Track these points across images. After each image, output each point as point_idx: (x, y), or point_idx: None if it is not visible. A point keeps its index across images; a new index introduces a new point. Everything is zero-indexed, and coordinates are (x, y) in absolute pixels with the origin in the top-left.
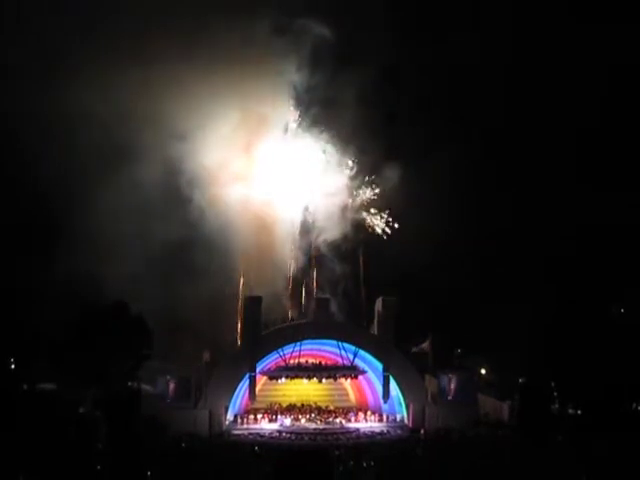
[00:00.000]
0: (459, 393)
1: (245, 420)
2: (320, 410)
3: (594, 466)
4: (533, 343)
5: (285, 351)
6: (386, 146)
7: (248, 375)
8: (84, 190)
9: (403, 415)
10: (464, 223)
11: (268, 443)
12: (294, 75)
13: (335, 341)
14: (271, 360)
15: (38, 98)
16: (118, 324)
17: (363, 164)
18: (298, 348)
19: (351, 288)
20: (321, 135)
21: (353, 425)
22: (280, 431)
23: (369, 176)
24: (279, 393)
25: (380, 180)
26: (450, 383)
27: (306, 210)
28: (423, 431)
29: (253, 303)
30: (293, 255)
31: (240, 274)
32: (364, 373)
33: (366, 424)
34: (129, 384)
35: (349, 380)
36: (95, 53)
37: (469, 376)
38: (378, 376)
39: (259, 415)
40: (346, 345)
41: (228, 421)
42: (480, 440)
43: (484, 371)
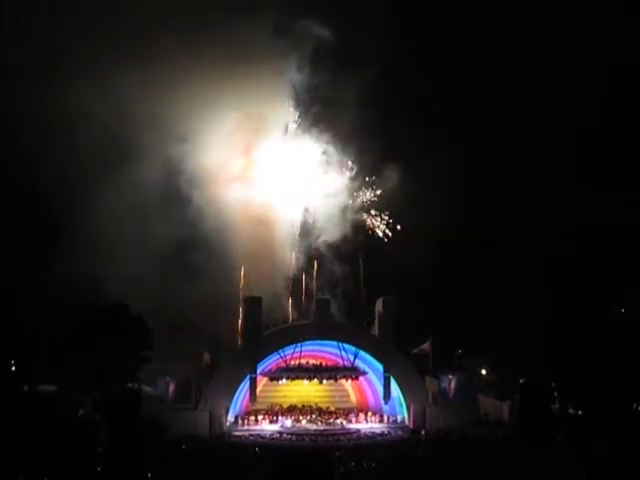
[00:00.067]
0: (459, 394)
1: (246, 421)
2: (321, 411)
3: (594, 466)
4: (533, 343)
5: (286, 352)
6: (386, 147)
7: (249, 376)
8: (84, 190)
9: (404, 416)
10: (464, 223)
11: (269, 444)
12: (294, 76)
13: (336, 342)
14: (272, 361)
15: (38, 98)
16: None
17: (363, 165)
18: (299, 349)
19: (351, 289)
20: (321, 136)
21: (354, 426)
22: (281, 432)
23: (369, 177)
24: (280, 394)
25: (380, 181)
26: (450, 384)
27: (306, 211)
28: (424, 432)
29: (253, 304)
30: (293, 256)
31: (240, 275)
32: (365, 374)
33: (367, 425)
34: (129, 385)
35: (350, 381)
36: (95, 53)
37: (469, 377)
38: (379, 377)
39: (260, 416)
40: (347, 346)
41: (229, 422)
42: (480, 440)
43: (484, 371)
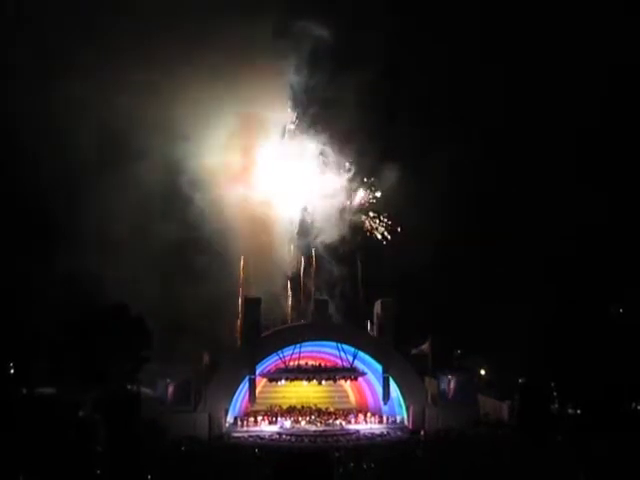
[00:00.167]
0: (459, 394)
1: (245, 422)
2: (320, 412)
3: (593, 466)
4: (533, 343)
5: (285, 353)
6: (385, 147)
7: (248, 377)
8: (84, 190)
9: (403, 416)
10: (464, 223)
11: (268, 445)
12: (293, 77)
13: (335, 343)
14: (271, 362)
15: (38, 98)
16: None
17: (361, 165)
18: (298, 350)
19: (349, 289)
20: (319, 136)
21: (353, 427)
22: (280, 433)
23: (367, 177)
24: (279, 395)
25: (379, 181)
26: (450, 384)
27: (305, 211)
28: (423, 432)
29: (252, 304)
30: (292, 256)
31: (239, 275)
32: (364, 375)
33: (366, 426)
34: (129, 387)
35: (349, 382)
36: (95, 54)
37: (469, 377)
38: (378, 378)
39: (259, 417)
40: (346, 347)
41: (228, 424)
42: (480, 440)
43: (483, 371)
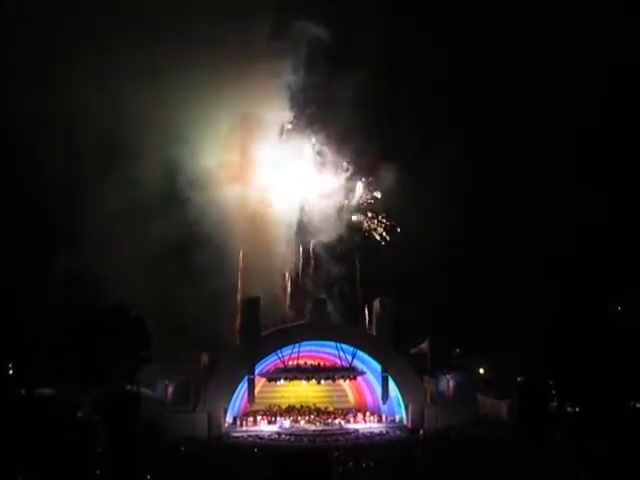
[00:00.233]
0: (458, 393)
1: (244, 422)
2: (319, 411)
3: (592, 464)
4: (533, 343)
5: (284, 353)
6: (384, 147)
7: (247, 377)
8: (84, 190)
9: (402, 416)
10: (464, 223)
11: (267, 445)
12: (291, 76)
13: (333, 342)
14: (270, 362)
15: (38, 98)
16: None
17: (360, 165)
18: (297, 350)
19: (348, 289)
20: (317, 136)
21: (352, 426)
22: (279, 433)
23: (366, 177)
24: (278, 395)
25: (377, 181)
26: (449, 383)
27: (302, 211)
28: (422, 432)
29: (251, 304)
30: (290, 256)
31: (238, 275)
32: (363, 374)
33: (365, 425)
34: (128, 387)
35: (348, 381)
36: (94, 54)
37: (468, 376)
38: (377, 377)
39: (258, 417)
40: (344, 346)
41: (227, 423)
42: (479, 439)
43: (482, 371)
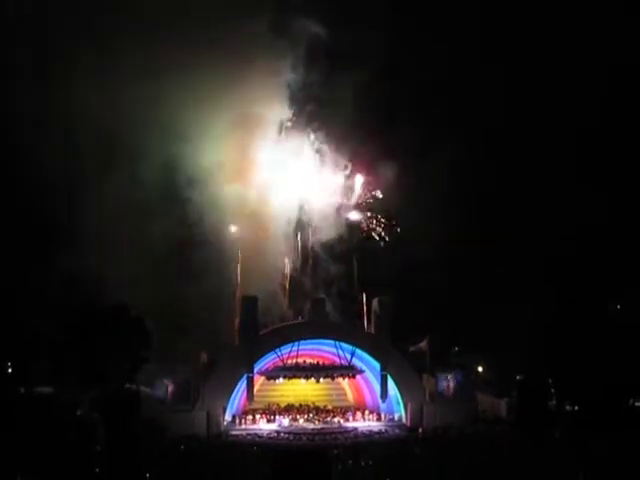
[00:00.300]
0: (457, 391)
1: (243, 421)
2: (318, 410)
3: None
4: (532, 342)
5: (283, 351)
6: (384, 146)
7: (246, 375)
8: (84, 190)
9: (401, 414)
10: (464, 223)
11: (266, 443)
12: (290, 75)
13: (332, 341)
14: (269, 360)
15: (38, 98)
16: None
17: (359, 164)
18: (296, 348)
19: (347, 288)
20: (316, 134)
21: (351, 424)
22: (278, 431)
23: (365, 176)
24: (277, 393)
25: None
26: (448, 382)
27: (302, 209)
28: (421, 430)
29: (250, 303)
30: (289, 254)
31: (237, 274)
32: (362, 372)
33: (364, 423)
34: (127, 386)
35: (347, 380)
36: (94, 53)
37: (467, 374)
38: (376, 375)
39: (257, 415)
40: (343, 345)
41: (226, 422)
42: (478, 437)
43: (481, 369)
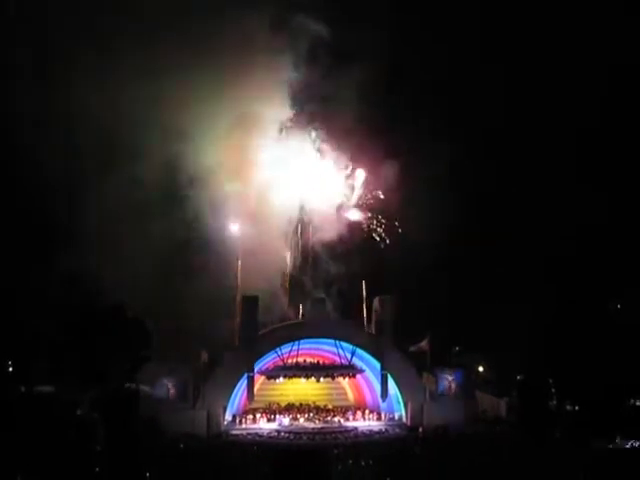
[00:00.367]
0: (457, 391)
1: (243, 420)
2: (318, 409)
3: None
4: (533, 342)
5: (283, 350)
6: (383, 146)
7: (246, 375)
8: (84, 190)
9: (401, 413)
10: (464, 223)
11: (266, 443)
12: (291, 73)
13: (333, 340)
14: (269, 360)
15: (38, 98)
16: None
17: (360, 163)
18: (296, 347)
19: (347, 287)
20: (317, 133)
21: (351, 424)
22: (278, 431)
23: (366, 176)
24: (277, 393)
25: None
26: (448, 381)
27: (302, 209)
28: (421, 429)
29: (250, 302)
30: (289, 254)
31: (237, 273)
32: (362, 372)
33: (364, 423)
34: (127, 385)
35: (347, 379)
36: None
37: (467, 374)
38: (376, 375)
39: (257, 415)
40: (344, 344)
41: (226, 421)
42: (478, 437)
43: (482, 369)
